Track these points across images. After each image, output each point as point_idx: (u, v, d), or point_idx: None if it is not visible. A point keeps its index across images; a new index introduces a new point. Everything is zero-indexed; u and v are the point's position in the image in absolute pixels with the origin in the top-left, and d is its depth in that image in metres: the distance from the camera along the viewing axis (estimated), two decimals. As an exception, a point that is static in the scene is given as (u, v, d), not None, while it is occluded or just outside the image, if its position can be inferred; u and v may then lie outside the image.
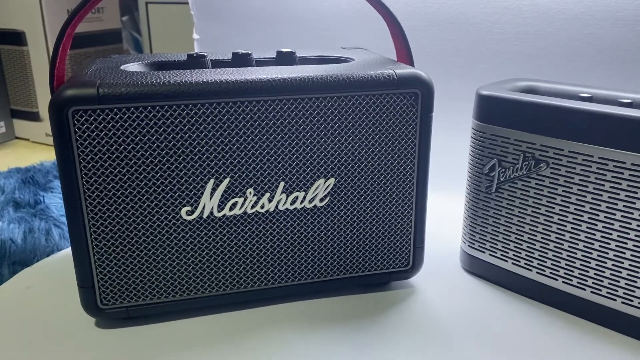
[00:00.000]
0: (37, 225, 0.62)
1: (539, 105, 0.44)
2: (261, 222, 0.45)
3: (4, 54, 0.93)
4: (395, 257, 0.49)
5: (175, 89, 0.40)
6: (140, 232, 0.42)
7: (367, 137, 0.44)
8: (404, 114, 0.45)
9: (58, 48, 0.45)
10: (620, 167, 0.41)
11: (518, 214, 0.47)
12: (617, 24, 0.59)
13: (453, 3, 0.67)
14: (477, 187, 0.49)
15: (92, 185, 0.40)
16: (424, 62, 0.65)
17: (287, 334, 0.44)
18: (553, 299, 0.47)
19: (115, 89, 0.39)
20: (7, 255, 0.56)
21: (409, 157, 0.46)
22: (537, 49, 0.64)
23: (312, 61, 0.52)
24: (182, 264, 0.44)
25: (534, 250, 0.47)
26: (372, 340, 0.43)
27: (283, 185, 0.44)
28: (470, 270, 0.53)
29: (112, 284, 0.43)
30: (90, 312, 0.44)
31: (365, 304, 0.48)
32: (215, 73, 0.42)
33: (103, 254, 0.42)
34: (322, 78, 0.42)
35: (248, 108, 0.41)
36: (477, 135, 0.48)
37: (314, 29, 0.76)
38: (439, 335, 0.44)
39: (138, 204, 0.42)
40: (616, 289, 0.43)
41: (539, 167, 0.45)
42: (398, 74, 0.44)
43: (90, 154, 0.39)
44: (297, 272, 0.47)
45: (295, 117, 0.43)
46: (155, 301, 0.45)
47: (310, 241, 0.46)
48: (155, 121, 0.40)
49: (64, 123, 0.38)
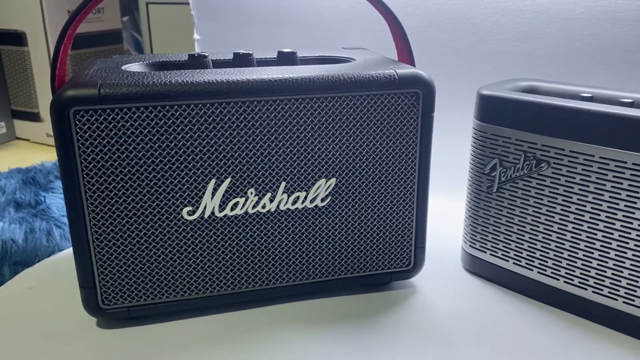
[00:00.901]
0: (38, 225, 0.62)
1: (540, 105, 0.44)
2: (262, 222, 0.45)
3: (5, 54, 0.93)
4: (396, 257, 0.49)
5: (177, 89, 0.40)
6: (141, 232, 0.42)
7: (368, 137, 0.44)
8: (405, 114, 0.45)
9: (59, 49, 0.45)
10: (622, 167, 0.41)
11: (519, 213, 0.47)
12: (617, 24, 0.59)
13: (453, 3, 0.67)
14: (479, 187, 0.49)
15: (93, 185, 0.40)
16: (425, 62, 0.65)
17: (288, 334, 0.44)
18: (554, 298, 0.47)
19: (117, 89, 0.39)
20: (8, 255, 0.56)
21: (410, 157, 0.46)
22: (538, 49, 0.64)
23: (313, 61, 0.52)
24: (184, 264, 0.44)
25: (535, 250, 0.47)
26: (373, 341, 0.43)
27: (284, 185, 0.44)
28: (472, 270, 0.53)
29: (113, 284, 0.43)
30: (91, 312, 0.44)
31: (367, 304, 0.48)
32: (217, 73, 0.42)
33: (104, 254, 0.42)
34: (323, 78, 0.42)
35: (249, 108, 0.41)
36: (478, 135, 0.48)
37: (315, 29, 0.76)
38: (440, 335, 0.44)
39: (139, 204, 0.42)
40: (618, 288, 0.43)
41: (540, 166, 0.45)
42: (399, 73, 0.44)
43: (91, 154, 0.39)
44: (298, 272, 0.47)
45: (296, 117, 0.43)
46: (157, 301, 0.45)
47: (312, 241, 0.46)
48: (157, 121, 0.40)
49: (65, 123, 0.38)
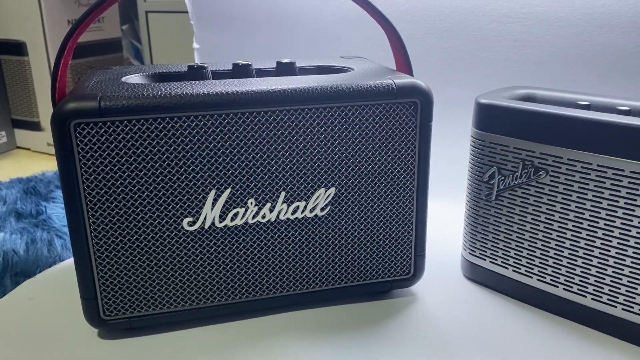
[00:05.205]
0: (40, 235, 0.62)
1: (538, 114, 0.44)
2: (262, 232, 0.45)
3: (5, 64, 0.94)
4: (396, 265, 0.49)
5: (177, 101, 0.40)
6: (142, 243, 0.43)
7: (367, 147, 0.45)
8: (403, 123, 0.45)
9: (59, 62, 0.45)
10: (619, 175, 0.41)
11: (518, 221, 0.47)
12: (614, 30, 0.59)
13: (451, 11, 0.67)
14: (477, 194, 0.49)
15: (94, 197, 0.40)
16: (423, 69, 0.65)
17: (289, 343, 0.44)
18: (554, 306, 0.47)
19: (117, 102, 0.39)
20: (10, 266, 0.56)
21: (409, 165, 0.46)
22: (535, 56, 0.64)
23: (312, 71, 0.52)
24: (185, 275, 0.44)
25: (534, 257, 0.47)
26: (373, 349, 0.43)
27: (284, 195, 0.44)
28: (471, 277, 0.53)
29: (114, 295, 0.43)
30: (92, 323, 0.44)
31: (367, 313, 0.48)
32: (216, 85, 0.43)
33: (105, 265, 0.42)
34: (322, 89, 0.43)
35: (249, 119, 0.42)
36: (477, 143, 0.48)
37: (313, 38, 0.76)
38: (440, 342, 0.44)
39: (140, 215, 0.42)
40: (617, 295, 0.43)
41: (538, 174, 0.45)
42: (397, 83, 0.44)
43: (92, 166, 0.40)
44: (299, 282, 0.47)
45: (295, 128, 0.43)
46: (158, 312, 0.45)
47: (312, 250, 0.46)
48: (157, 133, 0.40)
49: (66, 136, 0.39)
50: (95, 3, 0.44)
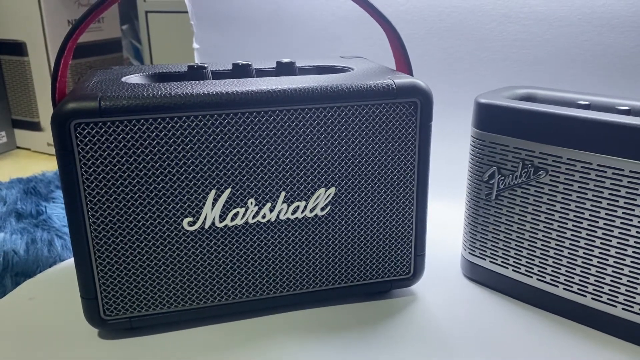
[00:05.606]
0: (40, 236, 0.62)
1: (538, 113, 0.44)
2: (262, 231, 0.45)
3: (5, 64, 0.94)
4: (396, 265, 0.49)
5: (177, 101, 0.40)
6: (142, 243, 0.43)
7: (367, 147, 0.45)
8: (403, 123, 0.45)
9: (59, 62, 0.45)
10: (619, 175, 0.41)
11: (518, 221, 0.47)
12: (614, 30, 0.60)
13: (451, 11, 0.67)
14: (477, 194, 0.49)
15: (94, 197, 0.41)
16: (423, 69, 0.65)
17: (289, 343, 0.44)
18: (554, 305, 0.47)
19: (117, 102, 0.39)
20: (10, 266, 0.56)
21: (409, 165, 0.46)
22: (535, 56, 0.64)
23: (312, 71, 0.52)
24: (185, 275, 0.44)
25: (534, 257, 0.47)
26: (373, 348, 0.43)
27: (284, 195, 0.44)
28: (471, 277, 0.53)
29: (115, 295, 0.43)
30: (93, 323, 0.44)
31: (367, 312, 0.48)
32: (216, 85, 0.43)
33: (106, 265, 0.42)
34: (322, 89, 0.43)
35: (249, 119, 0.42)
36: (477, 143, 0.48)
37: (313, 38, 0.76)
38: (440, 342, 0.44)
39: (140, 215, 0.42)
40: (616, 295, 0.43)
41: (538, 174, 0.45)
42: (397, 83, 0.44)
43: (92, 166, 0.40)
44: (299, 281, 0.47)
45: (295, 128, 0.43)
46: (158, 312, 0.45)
47: (312, 250, 0.46)
48: (157, 133, 0.40)
49: (66, 136, 0.39)
50: (95, 3, 0.44)
